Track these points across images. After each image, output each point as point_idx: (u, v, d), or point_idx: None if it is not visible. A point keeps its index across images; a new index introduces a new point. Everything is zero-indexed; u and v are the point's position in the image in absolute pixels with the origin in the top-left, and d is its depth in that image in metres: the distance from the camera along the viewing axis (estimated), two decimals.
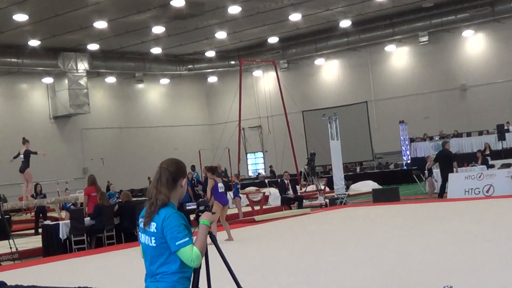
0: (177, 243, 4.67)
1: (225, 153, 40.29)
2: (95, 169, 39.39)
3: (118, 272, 12.68)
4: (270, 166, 43.05)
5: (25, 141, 21.19)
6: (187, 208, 5.17)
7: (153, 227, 4.80)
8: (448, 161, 23.61)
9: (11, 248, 16.24)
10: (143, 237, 4.93)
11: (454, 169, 23.65)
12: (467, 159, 29.93)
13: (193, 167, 33.34)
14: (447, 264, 10.02)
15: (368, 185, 33.46)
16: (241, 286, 5.70)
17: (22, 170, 20.97)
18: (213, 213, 5.08)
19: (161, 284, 4.79)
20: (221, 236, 14.91)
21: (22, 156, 20.91)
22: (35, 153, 21.16)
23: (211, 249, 5.04)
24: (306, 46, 48.30)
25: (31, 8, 33.42)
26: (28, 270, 14.30)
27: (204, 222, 4.90)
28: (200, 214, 5.16)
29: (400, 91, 46.29)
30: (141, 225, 4.94)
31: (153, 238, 4.81)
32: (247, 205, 25.82)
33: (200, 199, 6.26)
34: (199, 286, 5.06)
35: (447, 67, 44.76)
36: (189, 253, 4.66)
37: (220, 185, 15.58)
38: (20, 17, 34.26)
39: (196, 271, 5.02)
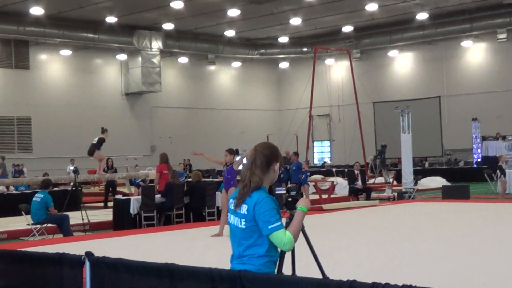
0: (269, 227, 4.66)
1: (293, 139, 40.22)
2: (163, 148, 39.68)
3: (188, 250, 12.78)
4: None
5: (104, 130, 21.35)
6: (277, 192, 5.15)
7: (244, 209, 4.80)
8: None
9: (83, 219, 16.54)
10: (232, 219, 4.93)
11: None
12: None
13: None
14: None
15: (436, 181, 32.96)
16: (325, 273, 5.67)
17: (91, 152, 21.10)
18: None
19: (248, 267, 4.78)
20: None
21: (95, 140, 21.04)
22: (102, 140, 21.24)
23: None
24: (380, 37, 47.75)
25: None
26: (99, 242, 14.55)
27: (301, 208, 4.89)
28: (289, 199, 5.15)
29: (474, 88, 45.38)
30: (232, 206, 4.94)
31: (243, 220, 4.81)
32: (313, 193, 25.75)
33: (290, 185, 6.12)
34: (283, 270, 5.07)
35: None
36: (282, 237, 4.65)
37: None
38: None
39: (282, 255, 5.02)
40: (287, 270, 5.13)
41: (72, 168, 33.26)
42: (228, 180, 14.69)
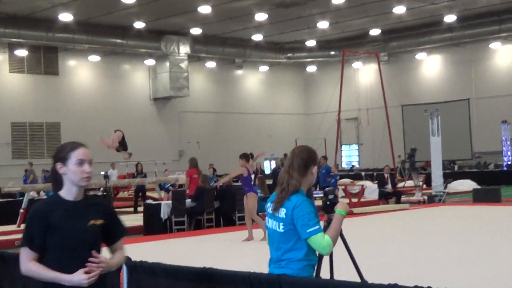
0: (308, 231, 4.63)
1: (321, 143, 40.09)
2: (191, 152, 39.71)
3: (221, 254, 12.77)
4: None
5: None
6: (314, 196, 5.12)
7: (282, 212, 4.77)
8: None
9: None
10: (270, 222, 4.90)
11: None
12: None
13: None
14: None
15: (466, 184, 32.72)
16: (363, 276, 5.63)
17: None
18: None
19: (286, 271, 4.76)
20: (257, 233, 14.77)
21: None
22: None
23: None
24: (408, 39, 47.49)
25: None
26: (131, 246, 14.52)
27: (340, 212, 4.84)
28: (328, 203, 5.12)
29: (504, 90, 44.93)
30: (269, 210, 4.91)
31: (281, 224, 4.78)
32: (343, 197, 25.63)
33: (328, 188, 6.10)
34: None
35: None
36: (320, 241, 4.62)
37: (253, 176, 15.11)
38: None
39: (320, 259, 4.99)
40: (325, 274, 5.10)
41: (111, 171, 33.29)
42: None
